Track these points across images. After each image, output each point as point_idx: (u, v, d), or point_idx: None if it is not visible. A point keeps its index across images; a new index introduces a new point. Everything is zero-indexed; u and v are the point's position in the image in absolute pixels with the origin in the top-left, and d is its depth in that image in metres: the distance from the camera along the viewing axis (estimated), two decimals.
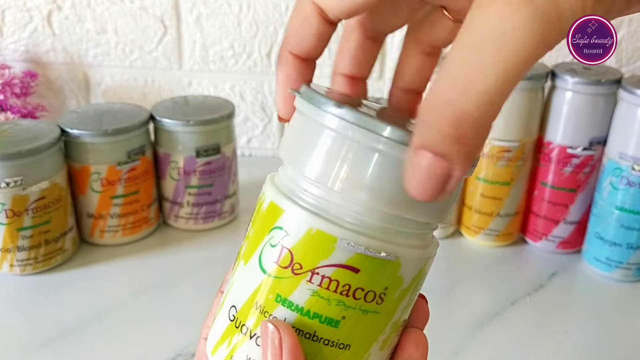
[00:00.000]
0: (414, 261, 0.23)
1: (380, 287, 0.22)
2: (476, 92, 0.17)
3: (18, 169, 0.52)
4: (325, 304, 0.22)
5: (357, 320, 0.22)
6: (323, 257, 0.22)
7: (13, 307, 0.53)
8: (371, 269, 0.22)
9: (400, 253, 0.22)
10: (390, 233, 0.22)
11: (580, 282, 0.58)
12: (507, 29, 0.16)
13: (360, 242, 0.21)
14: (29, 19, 0.73)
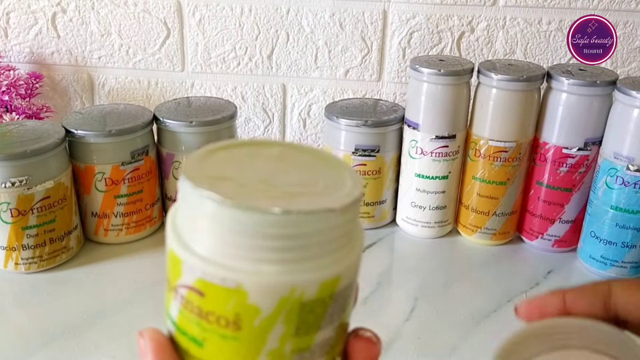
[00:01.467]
0: (267, 289, 0.21)
1: (230, 314, 0.21)
2: None
3: (23, 169, 0.53)
4: (188, 322, 0.22)
5: (217, 344, 0.22)
6: (177, 277, 0.22)
7: (18, 305, 0.54)
8: (215, 294, 0.21)
9: (243, 280, 0.20)
10: (231, 257, 0.20)
11: (575, 280, 0.59)
12: None
13: (197, 266, 0.21)
14: (33, 21, 0.74)
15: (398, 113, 0.64)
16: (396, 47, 0.72)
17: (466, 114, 0.62)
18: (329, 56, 0.74)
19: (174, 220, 0.23)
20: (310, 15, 0.72)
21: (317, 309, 0.22)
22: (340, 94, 0.76)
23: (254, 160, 0.23)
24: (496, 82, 0.58)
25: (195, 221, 0.21)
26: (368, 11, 0.71)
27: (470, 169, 0.62)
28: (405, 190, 0.65)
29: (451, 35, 0.71)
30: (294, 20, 0.73)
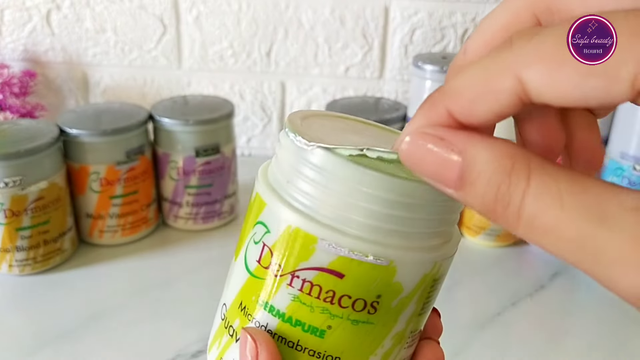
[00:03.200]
0: (415, 266, 0.20)
1: (372, 295, 0.19)
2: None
3: (17, 169, 0.52)
4: (308, 311, 0.20)
5: (345, 330, 0.20)
6: (303, 259, 0.19)
7: (12, 308, 0.53)
8: (358, 274, 0.19)
9: (395, 256, 0.19)
10: (381, 233, 0.19)
11: (581, 283, 0.58)
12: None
13: (343, 244, 0.19)
14: (27, 18, 0.73)
15: (400, 111, 0.63)
16: (398, 44, 0.71)
17: None
18: (329, 53, 0.73)
19: (291, 196, 0.20)
20: (310, 11, 0.71)
21: (438, 286, 0.22)
22: (340, 92, 0.75)
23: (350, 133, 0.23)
24: None
25: (334, 196, 0.19)
26: (369, 7, 0.70)
27: None
28: None
29: (454, 32, 0.70)
30: (293, 16, 0.71)
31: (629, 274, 0.15)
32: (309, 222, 0.19)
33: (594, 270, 0.15)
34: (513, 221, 0.16)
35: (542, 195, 0.16)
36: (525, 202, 0.16)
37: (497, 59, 0.18)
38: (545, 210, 0.16)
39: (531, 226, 0.16)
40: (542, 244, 0.16)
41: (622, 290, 0.15)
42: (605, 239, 0.15)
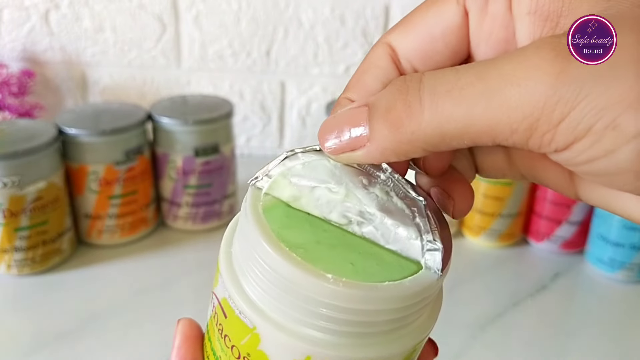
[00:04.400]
0: (281, 346, 0.20)
1: (243, 350, 0.21)
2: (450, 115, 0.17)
3: (15, 169, 0.52)
4: (213, 332, 0.23)
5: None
6: (215, 284, 0.23)
7: (10, 308, 0.53)
8: (234, 322, 0.21)
9: (259, 324, 0.20)
10: (259, 297, 0.20)
11: (583, 283, 0.58)
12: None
13: (227, 287, 0.21)
14: (26, 18, 0.72)
15: None
16: None
17: None
18: (329, 53, 0.73)
19: (230, 236, 0.23)
20: (310, 10, 0.71)
21: None
22: (340, 91, 0.74)
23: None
24: None
25: (247, 261, 0.21)
26: (369, 6, 0.70)
27: None
28: None
29: None
30: (293, 15, 0.71)
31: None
32: (223, 257, 0.22)
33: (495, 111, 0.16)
34: (417, 108, 0.17)
35: (437, 74, 0.18)
36: (423, 82, 0.18)
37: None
38: (443, 78, 0.17)
39: (433, 95, 0.17)
40: (447, 112, 0.17)
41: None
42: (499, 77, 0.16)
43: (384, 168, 0.23)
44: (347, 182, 0.22)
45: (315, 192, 0.22)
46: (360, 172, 0.23)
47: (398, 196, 0.22)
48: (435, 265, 0.20)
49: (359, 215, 0.21)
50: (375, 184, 0.22)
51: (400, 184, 0.23)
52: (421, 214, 0.22)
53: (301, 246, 0.20)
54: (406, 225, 0.21)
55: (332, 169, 0.22)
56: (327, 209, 0.22)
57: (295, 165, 0.23)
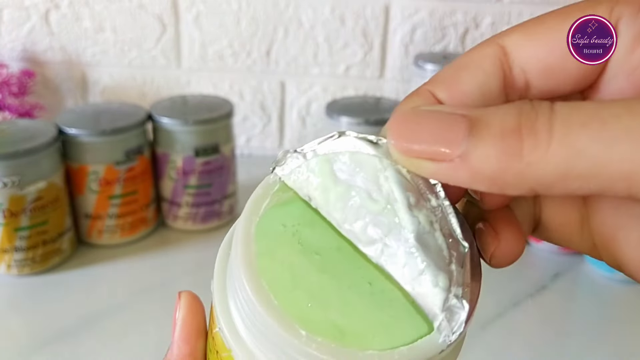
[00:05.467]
0: None
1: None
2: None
3: (15, 169, 0.52)
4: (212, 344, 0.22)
5: None
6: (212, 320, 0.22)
7: (10, 308, 0.53)
8: (216, 333, 0.20)
9: (234, 348, 0.19)
10: (249, 331, 0.19)
11: (583, 283, 0.58)
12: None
13: (219, 313, 0.20)
14: (26, 18, 0.72)
15: None
16: (398, 43, 0.71)
17: None
18: (329, 53, 0.73)
19: (231, 238, 0.21)
20: (310, 10, 0.71)
21: None
22: (340, 91, 0.74)
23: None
24: None
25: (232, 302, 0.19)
26: (369, 6, 0.70)
27: None
28: None
29: (455, 32, 0.69)
30: (293, 15, 0.71)
31: None
32: (216, 290, 0.20)
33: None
34: (544, 137, 0.14)
35: (572, 104, 0.15)
36: (555, 110, 0.15)
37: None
38: (580, 109, 0.14)
39: (567, 126, 0.14)
40: (580, 146, 0.14)
41: None
42: None
43: (438, 193, 0.19)
44: (392, 194, 0.19)
45: (350, 192, 0.19)
46: (411, 187, 0.19)
47: (442, 231, 0.18)
48: (450, 330, 0.17)
49: (388, 236, 0.18)
50: (423, 207, 0.18)
51: (449, 217, 0.19)
52: (459, 261, 0.18)
53: (293, 274, 0.18)
54: (438, 268, 0.18)
55: (379, 172, 0.19)
56: (353, 215, 0.19)
57: (344, 150, 0.19)
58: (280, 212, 0.20)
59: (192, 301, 0.24)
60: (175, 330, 0.23)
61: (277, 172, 0.20)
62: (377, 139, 0.19)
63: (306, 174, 0.20)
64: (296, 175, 0.20)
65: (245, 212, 0.20)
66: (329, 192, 0.19)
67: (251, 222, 0.19)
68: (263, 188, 0.20)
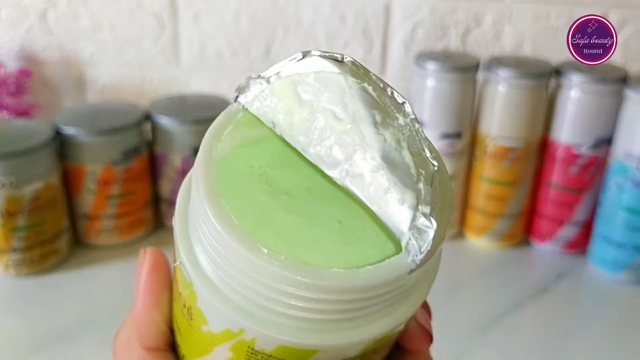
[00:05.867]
0: (216, 311, 0.18)
1: (186, 301, 0.20)
2: None
3: (12, 169, 0.51)
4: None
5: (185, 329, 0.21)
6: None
7: (8, 309, 0.52)
8: (178, 269, 0.20)
9: (194, 281, 0.19)
10: (199, 251, 0.19)
11: (586, 285, 0.57)
12: None
13: (175, 231, 0.21)
14: (24, 17, 0.72)
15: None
16: (399, 42, 0.70)
17: (472, 111, 0.60)
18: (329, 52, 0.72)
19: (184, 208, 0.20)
20: (310, 9, 0.70)
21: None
22: None
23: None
24: (503, 79, 0.56)
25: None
26: (370, 5, 0.69)
27: (476, 169, 0.60)
28: None
29: (456, 30, 0.69)
30: (293, 14, 0.71)
31: None
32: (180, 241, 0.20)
33: None
34: None
35: None
36: None
37: None
38: None
39: None
40: None
41: None
42: None
43: (406, 111, 0.18)
44: (357, 112, 0.18)
45: (315, 113, 0.18)
46: (378, 105, 0.18)
47: (409, 150, 0.18)
48: (417, 250, 0.17)
49: (353, 156, 0.18)
50: (389, 126, 0.18)
51: (419, 137, 0.18)
52: (428, 180, 0.17)
53: (258, 213, 0.17)
54: (405, 185, 0.17)
55: (344, 91, 0.18)
56: (317, 137, 0.18)
57: (309, 71, 0.19)
58: (247, 153, 0.19)
59: (157, 256, 0.23)
60: (140, 283, 0.23)
61: (241, 99, 0.20)
62: (342, 57, 0.18)
63: (269, 99, 0.19)
64: (260, 101, 0.19)
65: (206, 138, 0.19)
66: (293, 114, 0.18)
67: (212, 147, 0.19)
68: (225, 116, 0.20)
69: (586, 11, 0.60)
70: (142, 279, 0.23)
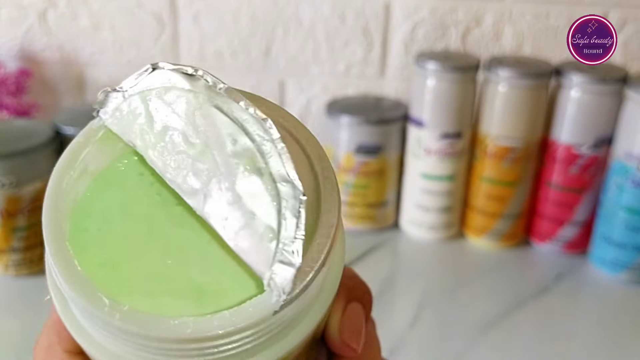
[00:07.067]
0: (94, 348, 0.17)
1: None
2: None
3: (12, 169, 0.51)
4: None
5: None
6: None
7: (8, 309, 0.52)
8: None
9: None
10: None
11: (586, 285, 0.57)
12: None
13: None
14: (24, 17, 0.72)
15: (401, 110, 0.62)
16: (399, 42, 0.70)
17: (472, 111, 0.60)
18: (329, 51, 0.72)
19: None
20: (310, 8, 0.70)
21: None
22: (340, 90, 0.74)
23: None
24: (503, 79, 0.56)
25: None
26: (370, 5, 0.69)
27: (477, 169, 0.60)
28: (409, 191, 0.63)
29: (456, 30, 0.69)
30: (293, 14, 0.71)
31: None
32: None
33: None
34: None
35: None
36: None
37: None
38: None
39: None
40: None
41: None
42: None
43: (268, 129, 0.16)
44: (210, 135, 0.16)
45: (168, 135, 0.17)
46: (232, 126, 0.16)
47: (271, 175, 0.16)
48: (280, 290, 0.15)
49: (209, 184, 0.16)
50: (247, 150, 0.16)
51: (281, 158, 0.16)
52: (293, 209, 0.15)
53: (110, 230, 0.16)
54: (264, 219, 0.15)
55: (195, 110, 0.17)
56: (173, 162, 0.16)
57: (159, 86, 0.17)
58: (129, 165, 0.18)
59: None
60: None
61: (102, 115, 0.18)
62: (194, 70, 0.17)
63: (127, 117, 0.17)
64: (117, 118, 0.18)
65: (58, 166, 0.18)
66: (148, 136, 0.17)
67: (62, 178, 0.17)
68: (84, 135, 0.18)
69: (586, 11, 0.60)
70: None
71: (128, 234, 0.17)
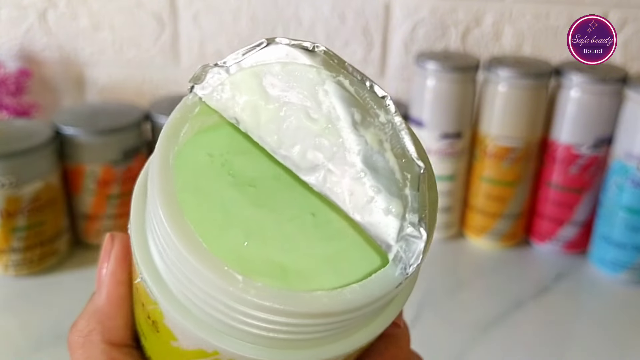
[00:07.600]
0: (186, 332, 0.17)
1: (150, 314, 0.18)
2: None
3: (12, 169, 0.51)
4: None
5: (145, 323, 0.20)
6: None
7: (7, 310, 0.52)
8: (139, 285, 0.19)
9: (160, 301, 0.17)
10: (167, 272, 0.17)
11: (586, 285, 0.57)
12: None
13: (133, 243, 0.19)
14: (24, 17, 0.72)
15: (401, 110, 0.62)
16: (399, 42, 0.70)
17: (472, 111, 0.60)
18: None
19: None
20: (310, 8, 0.70)
21: None
22: None
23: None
24: (503, 79, 0.56)
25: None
26: (370, 5, 0.69)
27: (477, 169, 0.60)
28: None
29: (456, 30, 0.69)
30: (293, 14, 0.71)
31: None
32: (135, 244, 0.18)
33: None
34: None
35: None
36: None
37: None
38: None
39: None
40: None
41: None
42: None
43: (387, 107, 0.16)
44: (333, 110, 0.16)
45: (285, 111, 0.16)
46: (356, 102, 0.16)
47: (393, 151, 0.16)
48: (407, 262, 0.15)
49: (331, 160, 0.16)
50: (370, 125, 0.16)
51: (401, 134, 0.16)
52: (414, 184, 0.16)
53: (224, 210, 0.15)
54: (390, 193, 0.15)
55: (317, 86, 0.16)
56: (289, 139, 0.16)
57: (275, 61, 0.17)
58: (205, 140, 0.17)
59: (127, 242, 0.20)
60: (106, 271, 0.21)
61: (197, 91, 0.18)
62: (313, 46, 0.17)
63: (231, 92, 0.17)
64: (219, 93, 0.17)
65: (161, 141, 0.17)
66: (259, 112, 0.16)
67: (169, 151, 0.16)
68: (180, 111, 0.17)
69: (586, 11, 0.60)
70: (109, 268, 0.21)
71: (236, 196, 0.16)
